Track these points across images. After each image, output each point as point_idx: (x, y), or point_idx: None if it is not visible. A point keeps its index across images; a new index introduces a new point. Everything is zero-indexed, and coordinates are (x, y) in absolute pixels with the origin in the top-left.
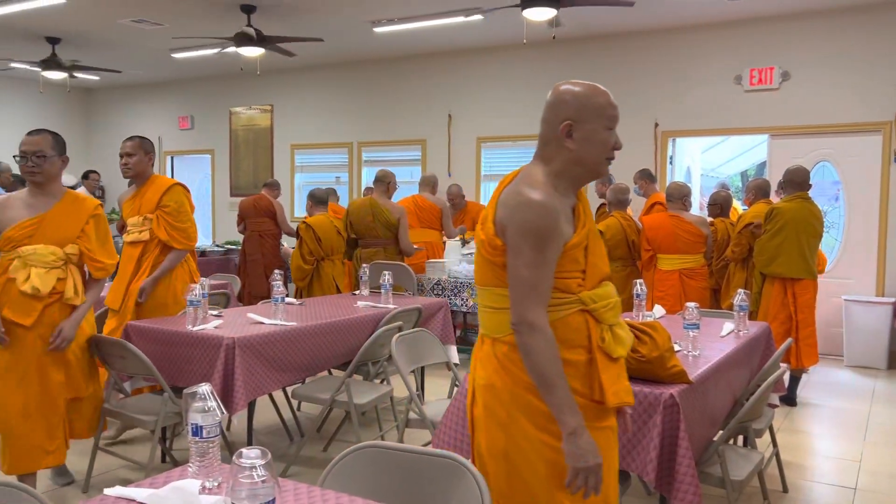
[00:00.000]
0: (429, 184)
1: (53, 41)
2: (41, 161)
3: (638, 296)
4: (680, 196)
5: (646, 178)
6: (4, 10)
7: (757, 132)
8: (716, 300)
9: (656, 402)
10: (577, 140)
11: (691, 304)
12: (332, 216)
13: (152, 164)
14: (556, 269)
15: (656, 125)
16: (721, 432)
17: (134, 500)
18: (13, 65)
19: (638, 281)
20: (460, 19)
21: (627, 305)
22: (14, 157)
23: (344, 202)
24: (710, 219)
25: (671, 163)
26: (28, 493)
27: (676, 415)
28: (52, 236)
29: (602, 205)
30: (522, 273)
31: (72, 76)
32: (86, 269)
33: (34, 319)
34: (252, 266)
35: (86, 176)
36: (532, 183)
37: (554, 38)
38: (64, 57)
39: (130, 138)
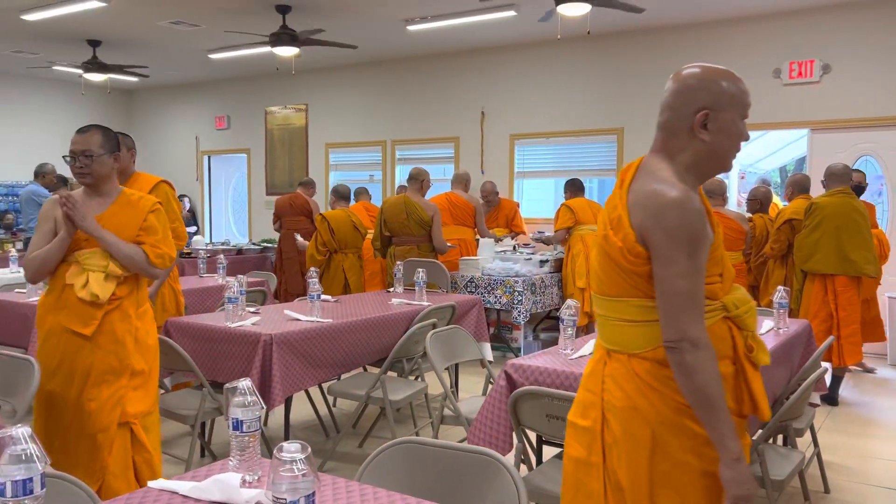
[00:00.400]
0: (462, 181)
1: (94, 44)
2: (89, 161)
3: None
4: (720, 192)
5: None
6: (47, 14)
7: (797, 126)
8: (754, 297)
9: None
10: (713, 131)
11: None
12: (350, 212)
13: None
14: None
15: None
16: (760, 431)
17: (177, 493)
18: (56, 67)
19: None
20: (494, 16)
21: None
22: (63, 157)
23: (377, 200)
24: (748, 214)
25: None
26: (76, 486)
27: None
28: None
29: None
30: (679, 284)
31: (114, 76)
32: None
33: (94, 328)
34: (288, 264)
35: None
36: (666, 180)
37: (589, 33)
38: (104, 59)
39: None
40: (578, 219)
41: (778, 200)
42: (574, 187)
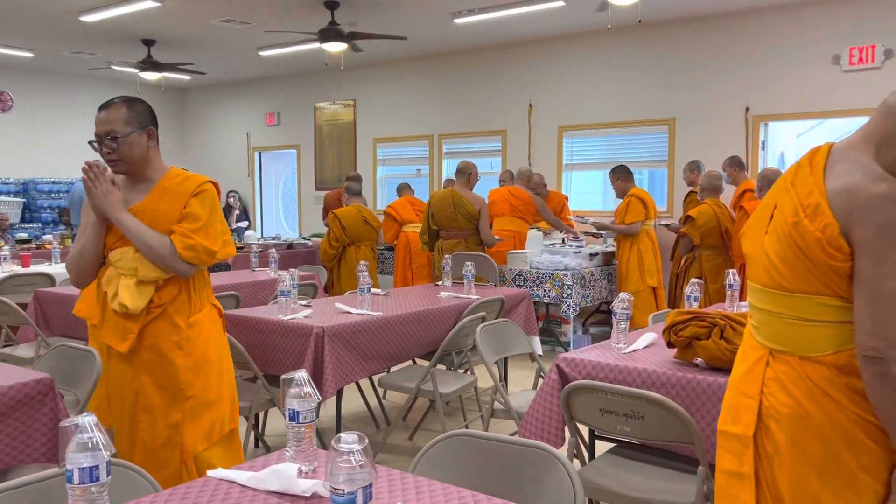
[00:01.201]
0: (524, 177)
1: (149, 43)
2: (114, 144)
3: (731, 286)
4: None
5: (735, 166)
6: (104, 15)
7: (857, 114)
8: None
9: None
10: None
11: None
12: (361, 208)
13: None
14: None
15: (747, 110)
16: None
17: (235, 483)
18: (113, 67)
19: (731, 271)
20: (542, 6)
21: (719, 295)
22: (89, 142)
23: (424, 194)
24: None
25: (763, 148)
26: (139, 474)
27: None
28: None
29: (691, 192)
30: (891, 286)
31: (167, 75)
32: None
33: (131, 343)
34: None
35: None
36: (875, 172)
37: (640, 21)
38: (159, 58)
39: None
40: (648, 213)
41: None
42: (628, 174)
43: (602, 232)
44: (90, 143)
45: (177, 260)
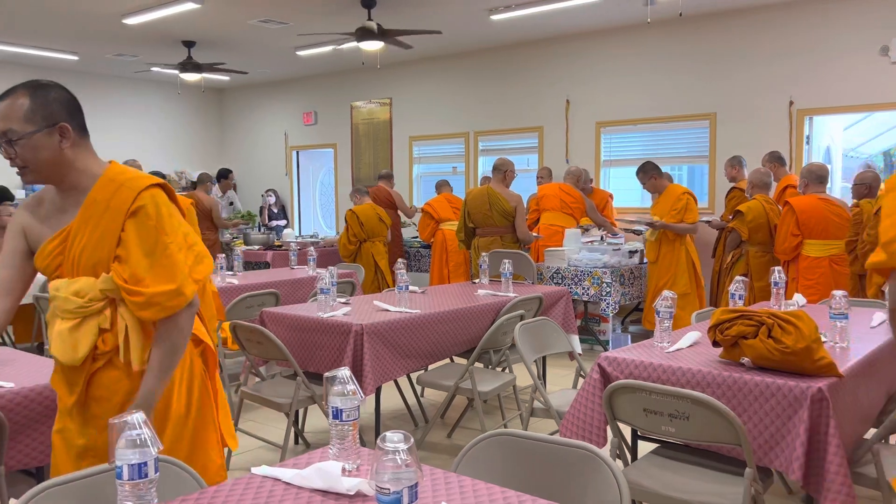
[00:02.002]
0: (574, 176)
1: (189, 44)
2: (11, 148)
3: (776, 283)
4: (827, 177)
5: (775, 161)
6: (146, 17)
7: None
8: (861, 287)
9: (802, 396)
10: None
11: (838, 293)
12: (374, 206)
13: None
14: None
15: (791, 103)
16: (875, 430)
17: (280, 480)
18: (154, 69)
19: (776, 268)
20: (580, 1)
21: (765, 293)
22: None
23: (460, 192)
24: (853, 200)
25: (808, 143)
26: (183, 470)
27: (826, 409)
28: (80, 261)
29: (733, 188)
30: None
31: (206, 76)
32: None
33: (76, 398)
34: None
35: (224, 175)
36: None
37: (681, 14)
38: (198, 59)
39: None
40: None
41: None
42: (659, 170)
43: (643, 228)
44: None
45: (168, 328)
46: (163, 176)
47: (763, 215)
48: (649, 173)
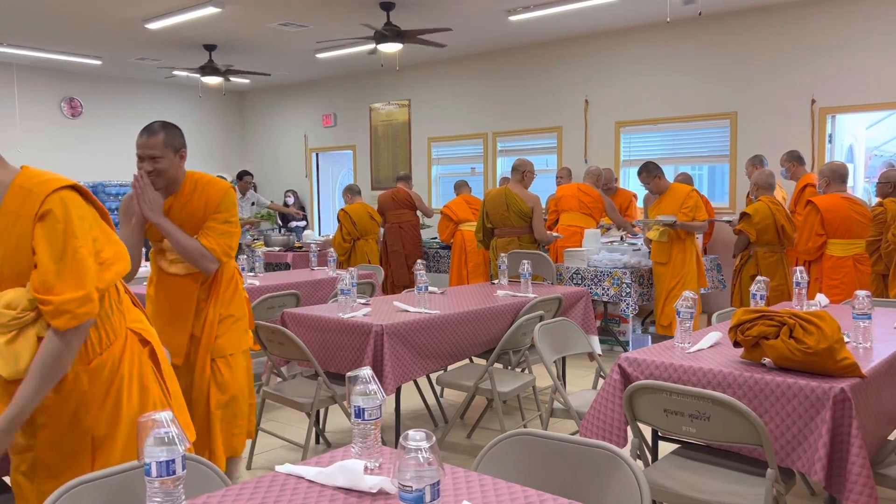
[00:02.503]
0: (594, 176)
1: (210, 48)
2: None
3: (798, 284)
4: (848, 176)
5: (794, 161)
6: (167, 21)
7: None
8: (884, 286)
9: (825, 397)
10: None
11: (862, 293)
12: (365, 205)
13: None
14: None
15: (813, 101)
16: None
17: (303, 478)
18: (176, 72)
19: (798, 268)
20: (598, 1)
21: (777, 292)
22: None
23: (478, 193)
24: (877, 199)
25: (830, 142)
26: (207, 467)
27: (848, 410)
28: (3, 272)
29: None
30: None
31: (227, 80)
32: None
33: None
34: (394, 256)
35: (240, 176)
36: None
37: (700, 14)
38: (219, 62)
39: (152, 131)
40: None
41: None
42: (660, 169)
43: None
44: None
45: (58, 337)
46: None
47: (769, 216)
48: (653, 173)
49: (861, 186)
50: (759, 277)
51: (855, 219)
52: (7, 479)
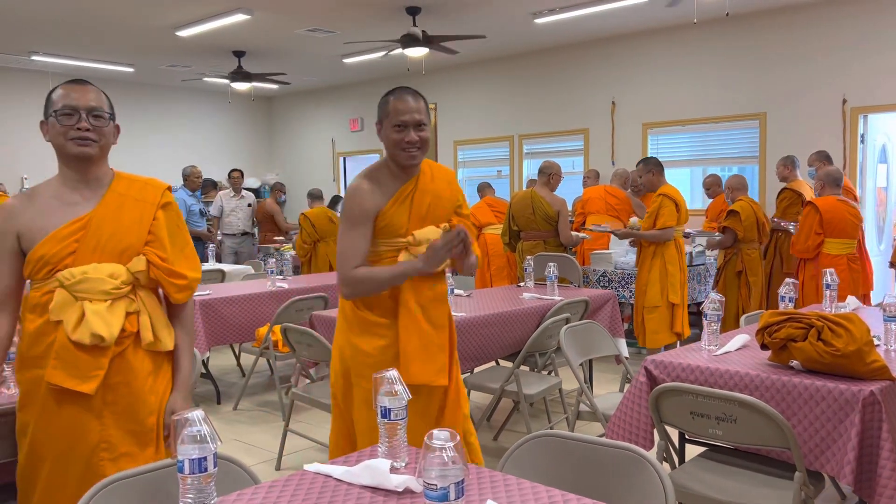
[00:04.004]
0: (621, 177)
1: (239, 54)
2: (99, 122)
3: (829, 286)
4: (842, 180)
5: (823, 160)
6: (198, 29)
7: None
8: None
9: (854, 400)
10: None
11: (894, 295)
12: (325, 209)
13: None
14: None
15: (844, 101)
16: None
17: (331, 476)
18: (206, 78)
19: (829, 270)
20: (624, 3)
21: (758, 287)
22: (51, 116)
23: (504, 196)
24: None
25: (862, 142)
26: (238, 466)
27: (878, 413)
28: (107, 247)
29: (785, 189)
30: None
31: (259, 84)
32: (161, 293)
33: (98, 383)
34: None
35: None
36: None
37: (727, 14)
38: (248, 68)
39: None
40: (680, 218)
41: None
42: (659, 167)
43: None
44: (52, 115)
45: (187, 310)
46: (215, 184)
47: (752, 214)
48: (648, 167)
49: None
50: (787, 280)
51: (849, 220)
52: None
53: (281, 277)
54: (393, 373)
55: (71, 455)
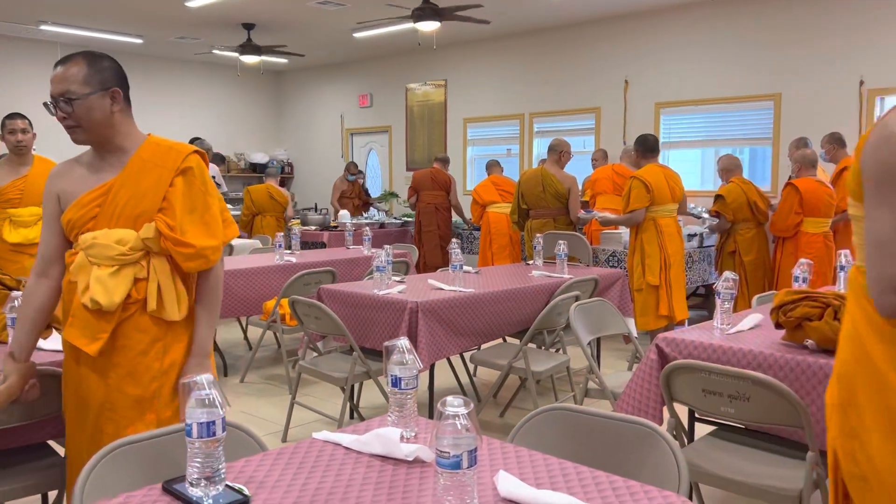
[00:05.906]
0: (630, 155)
1: (248, 27)
2: (69, 106)
3: (843, 268)
4: (818, 162)
5: (835, 143)
6: (207, 0)
7: None
8: None
9: None
10: None
11: None
12: (269, 186)
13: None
14: None
15: (861, 83)
16: None
17: (340, 445)
18: (215, 51)
19: (843, 252)
20: None
21: (753, 266)
22: (44, 104)
23: (514, 174)
24: None
25: None
26: (246, 433)
27: None
28: (123, 213)
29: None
30: None
31: (267, 57)
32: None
33: (101, 344)
34: (427, 237)
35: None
36: None
37: None
38: (258, 42)
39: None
40: (654, 198)
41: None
42: (646, 147)
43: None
44: (45, 105)
45: (210, 279)
46: (222, 158)
47: (742, 195)
48: (637, 145)
49: None
50: (801, 260)
51: (825, 199)
52: (52, 443)
53: (289, 252)
54: (404, 342)
55: (84, 411)
